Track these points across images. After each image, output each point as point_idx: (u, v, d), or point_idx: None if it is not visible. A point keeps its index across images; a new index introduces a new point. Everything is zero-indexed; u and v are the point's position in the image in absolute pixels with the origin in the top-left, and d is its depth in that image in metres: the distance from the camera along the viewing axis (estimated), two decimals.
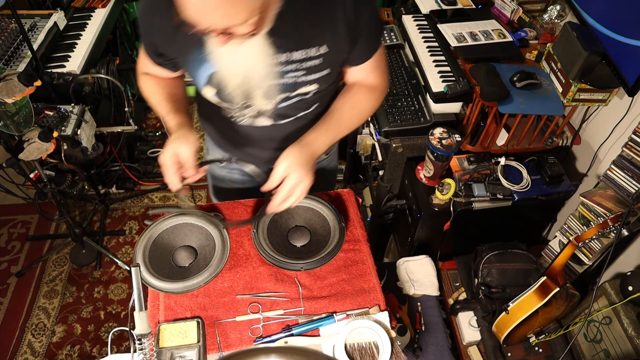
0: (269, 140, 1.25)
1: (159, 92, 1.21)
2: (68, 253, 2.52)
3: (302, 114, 1.20)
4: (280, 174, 1.04)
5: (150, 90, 1.23)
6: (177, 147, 1.07)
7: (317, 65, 1.06)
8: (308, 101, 1.15)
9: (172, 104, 1.18)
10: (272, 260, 1.14)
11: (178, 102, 1.20)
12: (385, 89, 1.23)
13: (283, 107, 1.14)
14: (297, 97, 1.12)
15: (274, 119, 1.18)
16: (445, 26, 1.81)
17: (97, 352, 2.17)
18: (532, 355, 1.53)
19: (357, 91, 1.18)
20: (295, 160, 1.04)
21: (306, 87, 1.10)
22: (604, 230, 1.33)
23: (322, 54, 1.04)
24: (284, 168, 1.04)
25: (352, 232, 1.24)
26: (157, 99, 1.21)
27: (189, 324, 1.04)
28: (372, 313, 1.09)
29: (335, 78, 1.17)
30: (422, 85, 1.80)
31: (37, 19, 2.22)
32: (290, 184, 1.03)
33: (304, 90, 1.11)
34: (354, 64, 1.13)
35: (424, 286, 1.61)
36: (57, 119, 1.91)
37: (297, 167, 1.04)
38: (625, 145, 1.38)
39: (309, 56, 1.04)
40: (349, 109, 1.16)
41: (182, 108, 1.19)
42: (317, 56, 1.04)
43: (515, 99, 1.55)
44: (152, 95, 1.23)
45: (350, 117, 1.16)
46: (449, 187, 1.57)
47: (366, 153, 2.42)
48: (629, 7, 1.34)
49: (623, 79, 1.37)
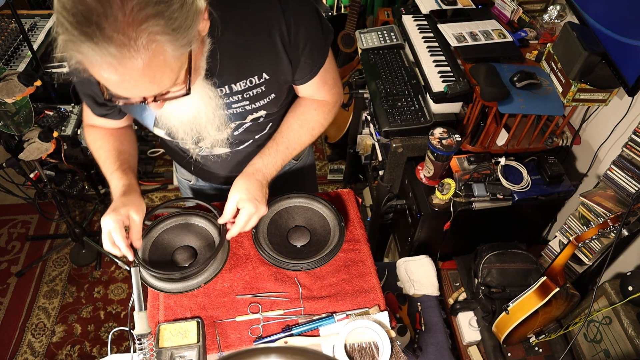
0: (229, 166, 1.26)
1: (104, 147, 1.14)
2: (68, 253, 2.52)
3: (258, 136, 1.20)
4: (233, 207, 1.08)
5: (95, 144, 1.16)
6: (127, 213, 1.01)
7: (260, 93, 1.05)
8: (261, 123, 1.16)
9: (119, 163, 1.11)
10: (272, 260, 1.14)
11: (126, 160, 1.13)
12: (336, 103, 1.22)
13: (238, 134, 1.15)
14: (249, 122, 1.12)
15: (231, 147, 1.18)
16: (445, 26, 1.81)
17: (97, 352, 2.17)
18: (532, 355, 1.53)
19: (305, 109, 1.17)
20: (247, 193, 1.07)
21: (255, 113, 1.10)
22: (604, 230, 1.33)
23: (263, 81, 1.03)
24: (235, 202, 1.07)
25: (352, 232, 1.24)
26: (103, 155, 1.13)
27: (188, 324, 1.04)
28: (372, 313, 1.09)
29: (284, 98, 1.15)
30: (422, 85, 1.80)
31: (37, 19, 2.23)
32: (244, 217, 1.07)
33: (254, 116, 1.11)
34: (299, 83, 1.11)
35: (424, 286, 1.61)
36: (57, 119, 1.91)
37: (248, 199, 1.06)
38: (626, 145, 1.38)
39: (251, 85, 1.03)
40: (297, 127, 1.16)
41: (129, 168, 1.12)
42: (259, 84, 1.03)
43: (515, 99, 1.55)
44: (97, 150, 1.15)
45: (299, 136, 1.16)
46: (449, 187, 1.57)
47: (366, 153, 2.42)
48: (629, 6, 1.34)
49: (623, 79, 1.37)
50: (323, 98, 1.18)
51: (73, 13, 0.66)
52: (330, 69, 1.13)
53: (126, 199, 1.03)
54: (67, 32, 0.68)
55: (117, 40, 0.67)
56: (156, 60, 0.72)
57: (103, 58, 0.69)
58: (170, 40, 0.72)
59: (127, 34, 0.67)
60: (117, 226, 0.98)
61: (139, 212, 1.02)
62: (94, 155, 1.16)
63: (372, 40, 2.05)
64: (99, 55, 0.68)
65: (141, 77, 0.73)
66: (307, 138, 1.18)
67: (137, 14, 0.67)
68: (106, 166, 1.11)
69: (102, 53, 0.68)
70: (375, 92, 1.82)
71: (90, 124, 1.18)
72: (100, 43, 0.67)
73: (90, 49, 0.68)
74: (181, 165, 1.37)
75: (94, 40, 0.67)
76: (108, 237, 0.99)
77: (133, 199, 1.04)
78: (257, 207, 1.08)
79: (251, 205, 1.06)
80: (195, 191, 1.49)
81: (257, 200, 1.08)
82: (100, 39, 0.67)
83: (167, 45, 0.72)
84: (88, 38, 0.67)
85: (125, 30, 0.67)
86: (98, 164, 1.15)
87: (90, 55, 0.69)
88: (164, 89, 0.79)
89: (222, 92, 1.01)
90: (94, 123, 1.17)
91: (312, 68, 1.08)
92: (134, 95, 0.79)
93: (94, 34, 0.66)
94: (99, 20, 0.66)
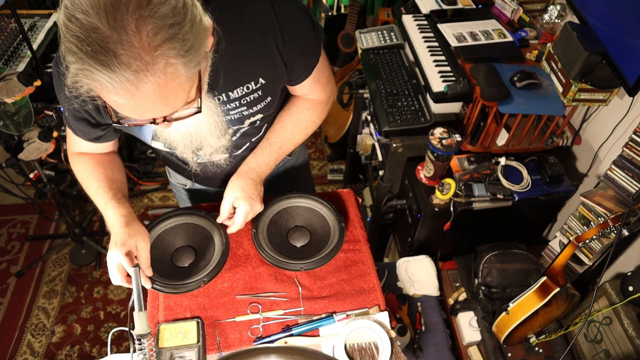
0: (228, 171, 1.26)
1: (94, 176, 1.09)
2: (68, 253, 2.52)
3: (254, 139, 1.21)
4: (229, 206, 1.11)
5: (85, 174, 1.11)
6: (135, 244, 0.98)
7: (257, 97, 1.05)
8: (257, 127, 1.17)
9: (113, 192, 1.07)
10: (271, 260, 1.13)
11: (119, 189, 1.09)
12: (329, 100, 1.23)
13: (236, 139, 1.16)
14: (247, 126, 1.13)
15: (229, 152, 1.19)
16: (445, 26, 1.81)
17: (97, 352, 2.17)
18: (533, 355, 1.53)
19: (298, 109, 1.19)
20: (242, 192, 1.10)
21: (252, 118, 1.11)
22: (604, 230, 1.33)
23: (260, 86, 1.03)
24: (231, 201, 1.10)
25: (352, 232, 1.24)
26: (94, 185, 1.08)
27: (188, 324, 1.04)
28: (372, 313, 1.09)
29: (279, 99, 1.16)
30: (422, 85, 1.80)
31: (37, 19, 2.22)
32: (241, 215, 1.10)
33: (251, 120, 1.11)
34: (294, 83, 1.12)
35: (424, 286, 1.60)
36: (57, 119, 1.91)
37: (243, 198, 1.10)
38: (626, 145, 1.38)
39: (248, 91, 1.03)
40: (291, 127, 1.18)
41: (124, 197, 1.09)
42: (256, 89, 1.04)
43: (516, 99, 1.55)
44: (87, 179, 1.10)
45: (292, 136, 1.19)
46: (449, 187, 1.57)
47: (366, 153, 2.41)
48: (630, 6, 1.34)
49: (624, 78, 1.37)
50: (316, 97, 1.19)
51: (88, 42, 0.65)
52: (323, 67, 1.13)
53: (130, 230, 1.00)
54: (80, 60, 0.67)
55: (133, 66, 0.67)
56: (172, 84, 0.72)
57: (120, 85, 0.68)
58: (184, 63, 0.71)
59: (144, 59, 0.67)
60: (126, 259, 0.96)
61: (145, 241, 1.01)
62: (83, 184, 1.12)
63: (372, 40, 2.04)
64: (115, 82, 0.68)
65: (157, 101, 0.73)
66: (300, 137, 1.20)
67: (153, 38, 0.67)
68: (98, 196, 1.07)
69: (119, 80, 0.67)
70: (375, 92, 1.82)
71: (77, 152, 1.14)
72: (117, 70, 0.66)
73: (107, 76, 0.67)
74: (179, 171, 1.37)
75: (111, 68, 0.66)
76: (118, 271, 0.97)
77: (137, 228, 1.01)
78: (252, 204, 1.11)
79: (246, 203, 1.09)
80: (191, 193, 1.48)
81: (251, 199, 1.11)
82: (117, 66, 0.66)
83: (181, 68, 0.72)
84: (104, 66, 0.66)
85: (141, 55, 0.67)
86: (87, 194, 1.11)
87: (105, 83, 0.68)
88: (177, 108, 0.79)
89: (220, 100, 1.01)
90: (81, 150, 1.14)
91: (306, 68, 1.08)
92: (146, 117, 0.78)
93: (111, 62, 0.65)
94: (115, 48, 0.65)
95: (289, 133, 1.18)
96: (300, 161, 1.52)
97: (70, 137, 1.12)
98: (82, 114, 1.01)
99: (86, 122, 1.04)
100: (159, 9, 0.67)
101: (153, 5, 0.67)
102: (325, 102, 1.22)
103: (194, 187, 1.45)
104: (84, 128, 1.05)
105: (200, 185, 1.42)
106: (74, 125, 1.06)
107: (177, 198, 1.57)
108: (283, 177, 1.46)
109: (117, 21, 0.64)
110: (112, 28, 0.64)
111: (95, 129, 1.06)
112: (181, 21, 0.70)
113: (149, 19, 0.66)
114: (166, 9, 0.68)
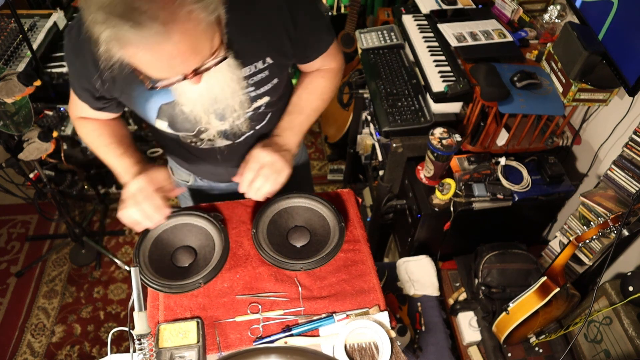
0: (230, 158, 1.26)
1: (104, 134, 1.13)
2: (68, 253, 2.52)
3: (258, 127, 1.21)
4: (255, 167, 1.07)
5: (93, 134, 1.14)
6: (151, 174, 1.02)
7: (264, 78, 1.06)
8: (261, 113, 1.16)
9: (124, 147, 1.10)
10: (271, 260, 1.13)
11: (129, 145, 1.13)
12: (341, 67, 1.25)
13: (239, 123, 1.15)
14: (251, 111, 1.13)
15: (232, 138, 1.19)
16: (445, 26, 1.81)
17: (97, 352, 2.17)
18: (533, 355, 1.53)
19: (312, 79, 1.22)
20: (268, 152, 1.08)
21: (258, 101, 1.11)
22: (604, 230, 1.33)
23: (267, 65, 1.04)
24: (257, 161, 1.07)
25: (352, 232, 1.24)
26: (104, 141, 1.12)
27: (188, 324, 1.04)
28: (372, 313, 1.09)
29: (284, 85, 1.17)
30: (422, 85, 1.80)
31: (37, 19, 2.22)
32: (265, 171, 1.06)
33: (257, 104, 1.11)
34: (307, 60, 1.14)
35: (424, 286, 1.61)
36: (57, 118, 1.91)
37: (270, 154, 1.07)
38: (626, 145, 1.38)
39: (255, 70, 1.03)
40: (307, 95, 1.20)
41: (134, 150, 1.12)
42: (263, 69, 1.04)
43: (516, 98, 1.55)
44: (97, 139, 1.13)
45: (309, 102, 1.21)
46: (449, 187, 1.57)
47: (366, 153, 2.42)
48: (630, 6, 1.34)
49: (624, 78, 1.37)
50: (330, 66, 1.22)
51: (113, 6, 0.69)
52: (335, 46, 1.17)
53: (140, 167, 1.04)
54: (111, 27, 0.70)
55: (160, 18, 0.70)
56: (197, 29, 0.75)
57: (152, 38, 0.71)
58: (203, 7, 0.75)
59: (167, 9, 0.71)
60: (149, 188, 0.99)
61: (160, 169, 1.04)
62: (92, 145, 1.14)
63: (372, 40, 2.04)
64: (146, 37, 0.71)
65: (186, 51, 0.76)
66: (318, 103, 1.22)
67: None
68: (110, 151, 1.10)
69: (149, 34, 0.71)
70: (375, 92, 1.82)
71: (82, 117, 1.16)
72: (147, 24, 0.70)
73: (137, 33, 0.70)
74: (181, 161, 1.36)
75: (141, 24, 0.70)
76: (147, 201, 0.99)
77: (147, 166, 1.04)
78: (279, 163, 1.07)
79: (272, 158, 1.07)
80: (193, 192, 1.48)
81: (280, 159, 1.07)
82: (147, 21, 0.70)
83: (202, 12, 0.75)
84: (134, 24, 0.69)
85: (164, 6, 0.70)
86: (97, 153, 1.13)
87: (136, 41, 0.71)
88: (204, 59, 0.82)
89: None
90: (86, 115, 1.15)
91: (320, 45, 1.12)
92: (178, 72, 0.81)
93: (140, 17, 0.69)
94: (139, 5, 0.69)
95: (306, 100, 1.20)
96: (302, 161, 1.52)
97: (74, 102, 1.11)
98: (85, 85, 1.03)
99: (89, 93, 1.05)
100: None
101: None
102: (338, 69, 1.24)
103: (196, 183, 1.44)
104: (87, 98, 1.07)
105: (201, 181, 1.42)
106: (78, 91, 1.07)
107: (179, 196, 1.57)
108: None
109: None
110: None
111: (98, 101, 1.08)
112: None
113: None
114: None
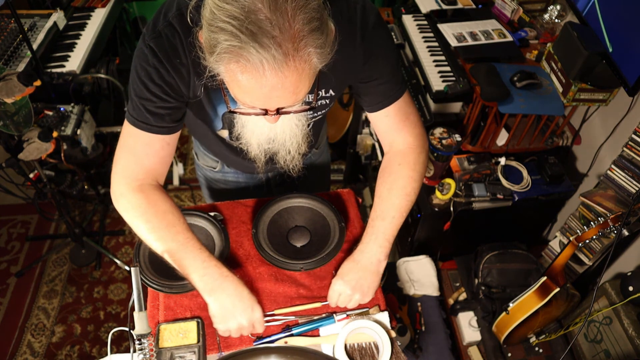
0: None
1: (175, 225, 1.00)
2: (68, 253, 2.52)
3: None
4: (335, 297, 1.07)
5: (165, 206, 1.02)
6: (253, 316, 0.99)
7: (324, 105, 1.08)
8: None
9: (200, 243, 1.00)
10: (272, 260, 1.13)
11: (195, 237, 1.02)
12: (423, 147, 1.12)
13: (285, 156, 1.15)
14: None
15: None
16: (445, 26, 1.81)
17: (97, 352, 2.17)
18: (533, 355, 1.53)
19: (391, 170, 1.11)
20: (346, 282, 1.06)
21: (311, 120, 1.13)
22: (604, 230, 1.33)
23: (329, 96, 1.06)
24: (337, 291, 1.07)
25: (352, 232, 1.24)
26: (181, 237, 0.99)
27: (188, 324, 1.04)
28: (372, 313, 1.09)
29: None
30: (422, 85, 1.80)
31: (37, 19, 2.22)
32: (349, 299, 1.07)
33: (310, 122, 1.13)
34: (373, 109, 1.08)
35: (424, 286, 1.61)
36: (57, 119, 1.90)
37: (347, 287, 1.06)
38: (626, 145, 1.38)
39: (319, 97, 1.05)
40: (387, 193, 1.09)
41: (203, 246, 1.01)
42: (325, 97, 1.06)
43: (516, 98, 1.55)
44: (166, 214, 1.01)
45: (392, 202, 1.09)
46: (449, 187, 1.57)
47: (366, 153, 2.42)
48: (630, 6, 1.34)
49: (623, 78, 1.37)
50: (404, 140, 1.11)
51: (247, 22, 0.70)
52: (408, 103, 1.09)
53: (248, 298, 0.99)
54: (235, 37, 0.71)
55: (284, 47, 0.71)
56: (308, 72, 0.76)
57: (268, 63, 0.71)
58: (320, 54, 0.76)
59: (294, 44, 0.72)
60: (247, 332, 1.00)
61: (260, 310, 1.01)
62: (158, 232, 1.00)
63: None
64: (264, 58, 0.71)
65: (290, 87, 0.76)
66: (399, 200, 1.08)
67: (303, 27, 0.72)
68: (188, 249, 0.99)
69: (269, 57, 0.71)
70: None
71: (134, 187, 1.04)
72: (269, 47, 0.70)
73: (258, 53, 0.71)
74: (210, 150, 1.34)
75: (265, 46, 0.70)
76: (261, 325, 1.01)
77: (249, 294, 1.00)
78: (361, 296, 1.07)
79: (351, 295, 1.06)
80: (217, 179, 1.46)
81: (354, 288, 1.06)
82: (272, 45, 0.70)
83: (317, 60, 0.76)
84: (259, 44, 0.70)
85: (293, 40, 0.72)
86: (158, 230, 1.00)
87: (254, 60, 0.71)
88: (298, 101, 0.82)
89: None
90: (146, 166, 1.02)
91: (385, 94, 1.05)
92: (270, 105, 0.81)
93: (267, 40, 0.70)
94: (272, 29, 0.70)
95: (386, 200, 1.09)
96: (319, 161, 1.49)
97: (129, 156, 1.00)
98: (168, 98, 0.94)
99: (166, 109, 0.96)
100: (310, 2, 0.73)
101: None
102: (416, 147, 1.10)
103: (224, 169, 1.42)
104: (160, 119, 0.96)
105: (228, 168, 1.41)
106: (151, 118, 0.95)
107: (200, 183, 1.55)
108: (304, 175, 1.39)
109: (278, 6, 0.70)
110: (273, 11, 0.70)
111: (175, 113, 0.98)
112: (322, 17, 0.75)
113: (303, 8, 0.72)
114: (315, 3, 0.74)
